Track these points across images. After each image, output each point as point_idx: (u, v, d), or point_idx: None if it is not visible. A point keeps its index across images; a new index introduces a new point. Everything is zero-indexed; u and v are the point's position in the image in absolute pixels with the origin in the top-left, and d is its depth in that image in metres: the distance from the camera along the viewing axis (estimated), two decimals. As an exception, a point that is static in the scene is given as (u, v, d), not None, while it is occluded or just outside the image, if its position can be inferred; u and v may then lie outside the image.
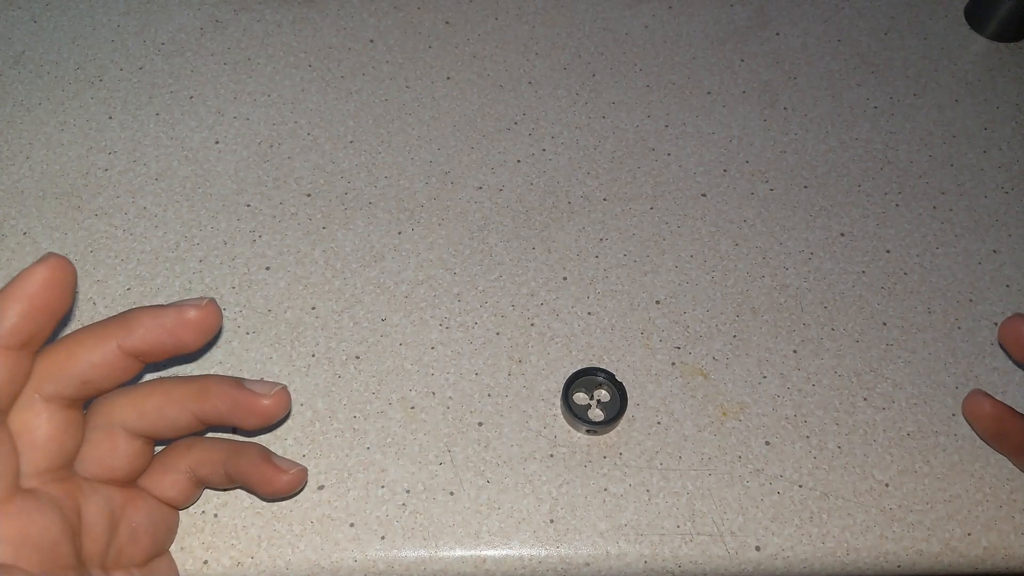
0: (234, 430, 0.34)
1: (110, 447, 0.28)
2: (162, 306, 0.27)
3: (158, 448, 0.30)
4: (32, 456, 0.25)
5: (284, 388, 0.28)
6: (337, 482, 0.33)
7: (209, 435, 0.32)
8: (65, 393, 0.26)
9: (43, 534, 0.24)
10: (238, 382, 0.28)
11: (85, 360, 0.26)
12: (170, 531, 0.30)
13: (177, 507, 0.30)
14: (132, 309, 0.27)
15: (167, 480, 0.29)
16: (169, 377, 0.29)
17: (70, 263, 0.25)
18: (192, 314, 0.27)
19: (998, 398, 0.37)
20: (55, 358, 0.26)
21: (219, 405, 0.28)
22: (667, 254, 0.41)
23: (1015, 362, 0.38)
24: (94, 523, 0.27)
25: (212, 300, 0.27)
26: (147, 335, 0.27)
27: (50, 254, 0.25)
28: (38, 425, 0.25)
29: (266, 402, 0.28)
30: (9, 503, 0.24)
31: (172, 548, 0.31)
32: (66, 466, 0.27)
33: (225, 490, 0.32)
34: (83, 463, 0.27)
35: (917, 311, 0.39)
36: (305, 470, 0.30)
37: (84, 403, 0.27)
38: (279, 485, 0.29)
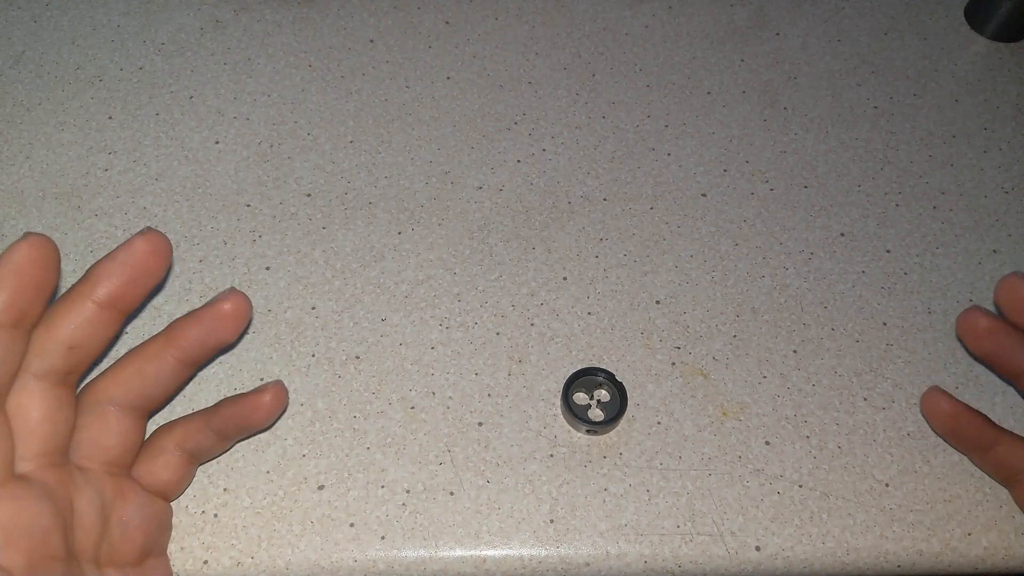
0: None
1: (101, 426, 0.28)
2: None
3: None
4: (26, 439, 0.25)
5: (234, 288, 0.30)
6: (337, 482, 0.33)
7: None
8: (55, 365, 0.26)
9: (33, 522, 0.24)
10: (195, 308, 0.30)
11: (66, 325, 0.26)
12: (163, 527, 0.30)
13: (171, 492, 0.30)
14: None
15: (158, 463, 0.30)
16: (136, 345, 0.30)
17: (50, 239, 0.25)
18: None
19: (998, 399, 0.37)
20: (38, 333, 0.26)
21: (189, 331, 0.29)
22: (667, 254, 0.41)
23: (971, 354, 0.37)
24: (86, 514, 0.26)
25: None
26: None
27: (29, 232, 0.25)
28: (31, 406, 0.25)
29: (226, 306, 0.29)
30: (4, 487, 0.24)
31: (172, 548, 0.31)
32: (60, 451, 0.26)
33: (219, 455, 0.33)
34: (77, 448, 0.27)
35: (917, 311, 0.39)
36: (280, 382, 0.31)
37: (76, 379, 0.27)
38: (267, 406, 0.30)
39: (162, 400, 0.30)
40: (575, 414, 0.34)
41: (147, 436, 0.31)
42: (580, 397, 0.36)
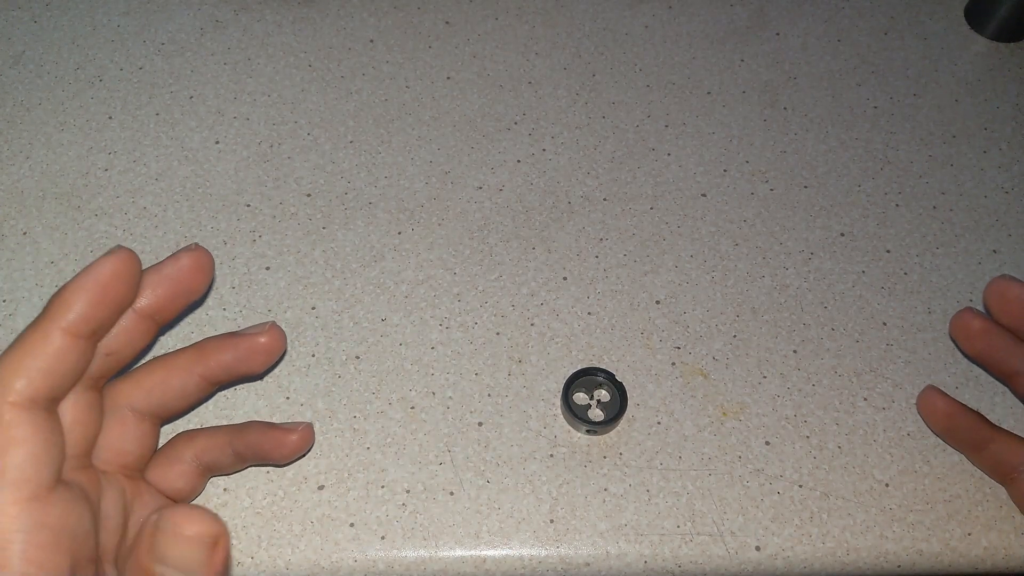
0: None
1: (120, 431, 0.28)
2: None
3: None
4: None
5: (274, 323, 0.30)
6: (337, 482, 0.33)
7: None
8: (90, 370, 0.26)
9: (78, 525, 0.25)
10: (232, 332, 0.30)
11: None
12: None
13: (182, 499, 0.30)
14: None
15: (174, 472, 0.30)
16: (164, 353, 0.29)
17: (136, 256, 0.25)
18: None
19: (997, 398, 0.37)
20: None
21: (221, 355, 0.29)
22: (667, 254, 0.41)
23: (965, 355, 0.37)
24: (110, 516, 0.27)
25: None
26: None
27: (119, 246, 0.25)
28: (65, 409, 0.26)
29: (263, 339, 0.29)
30: (54, 491, 0.24)
31: (172, 548, 0.31)
32: (87, 454, 0.27)
33: (232, 473, 0.32)
34: (96, 451, 0.27)
35: (917, 311, 0.39)
36: (311, 425, 0.31)
37: (103, 383, 0.28)
38: (291, 445, 0.30)
39: (180, 411, 0.30)
40: (575, 414, 0.34)
41: (166, 441, 0.31)
42: (580, 397, 0.36)
